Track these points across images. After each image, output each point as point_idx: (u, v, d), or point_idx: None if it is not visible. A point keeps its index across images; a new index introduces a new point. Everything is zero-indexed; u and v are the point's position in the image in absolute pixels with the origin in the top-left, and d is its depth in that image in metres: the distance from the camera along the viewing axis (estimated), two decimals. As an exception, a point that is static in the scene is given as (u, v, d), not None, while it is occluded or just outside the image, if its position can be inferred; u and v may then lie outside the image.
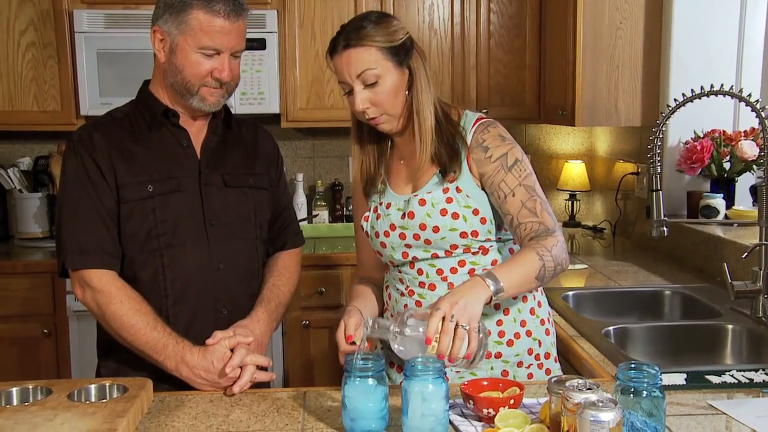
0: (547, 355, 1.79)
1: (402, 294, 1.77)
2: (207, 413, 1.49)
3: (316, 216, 3.66)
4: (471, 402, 1.40)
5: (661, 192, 2.09)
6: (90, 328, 1.92)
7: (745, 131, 2.87)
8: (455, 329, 1.41)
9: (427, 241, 1.69)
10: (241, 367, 1.61)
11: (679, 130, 2.96)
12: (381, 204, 1.77)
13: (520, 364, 1.74)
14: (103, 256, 1.67)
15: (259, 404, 1.53)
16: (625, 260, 2.97)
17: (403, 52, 1.65)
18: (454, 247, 1.69)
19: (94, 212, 1.66)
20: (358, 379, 1.34)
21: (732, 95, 1.97)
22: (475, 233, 1.68)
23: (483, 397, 1.40)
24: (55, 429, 1.29)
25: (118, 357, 1.72)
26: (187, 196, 1.72)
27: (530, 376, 1.75)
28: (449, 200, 1.68)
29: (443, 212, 1.67)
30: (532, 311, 1.77)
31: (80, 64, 3.22)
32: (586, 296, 2.45)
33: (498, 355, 1.72)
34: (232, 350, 1.62)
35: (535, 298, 1.79)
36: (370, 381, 1.34)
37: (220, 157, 1.78)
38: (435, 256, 1.71)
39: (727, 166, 2.84)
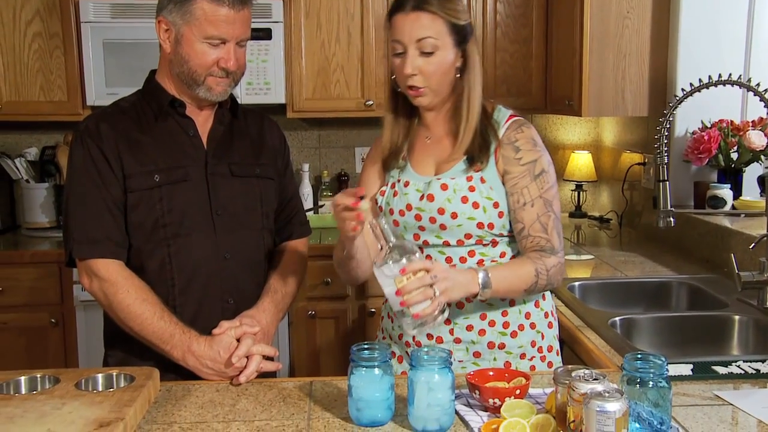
0: (550, 348, 1.79)
1: None
2: (213, 402, 1.49)
3: (322, 206, 3.66)
4: (477, 392, 1.40)
5: (668, 182, 2.08)
6: (97, 318, 1.93)
7: (753, 121, 2.85)
8: (428, 287, 1.47)
9: (443, 227, 1.69)
10: (247, 357, 1.61)
11: (687, 120, 2.95)
12: (399, 181, 1.76)
13: (522, 356, 1.74)
14: (109, 245, 1.67)
15: (266, 394, 1.53)
16: (632, 251, 2.97)
17: (463, 35, 1.67)
18: (468, 236, 1.69)
19: (101, 202, 1.67)
20: (365, 369, 1.35)
21: (740, 85, 1.96)
22: (491, 225, 1.68)
23: (489, 387, 1.40)
24: (63, 417, 1.30)
25: (125, 347, 1.73)
26: (193, 186, 1.72)
27: (533, 368, 1.75)
28: (472, 189, 1.68)
29: (464, 200, 1.67)
30: (536, 304, 1.77)
31: (86, 54, 3.22)
32: (592, 287, 2.45)
33: (501, 346, 1.72)
34: (238, 340, 1.63)
35: (542, 293, 1.79)
36: (377, 371, 1.35)
37: (226, 146, 1.78)
38: (446, 244, 1.70)
39: (734, 156, 2.83)
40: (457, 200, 1.67)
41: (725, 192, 2.77)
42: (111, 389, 1.44)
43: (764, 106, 1.95)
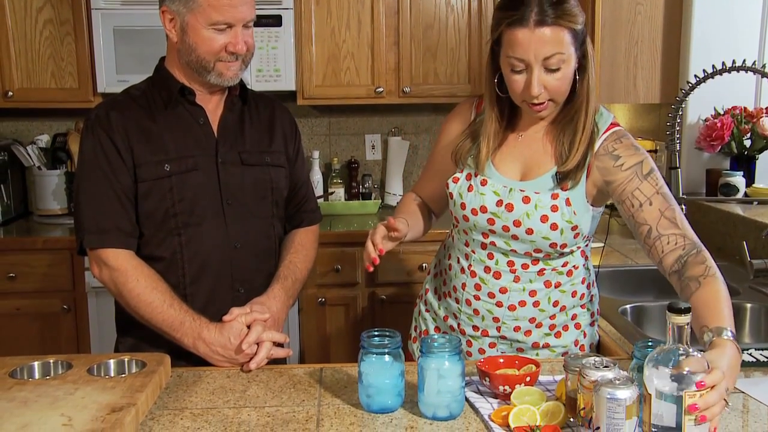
0: (591, 346, 1.78)
1: (463, 270, 1.72)
2: (224, 389, 1.50)
3: (332, 193, 3.66)
4: (487, 379, 1.41)
5: (679, 170, 2.07)
6: (109, 304, 1.94)
7: (766, 108, 2.83)
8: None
9: (515, 237, 1.62)
10: (257, 344, 1.62)
11: (699, 107, 2.93)
12: (476, 175, 1.67)
13: (565, 354, 1.73)
14: (119, 235, 1.68)
15: (276, 380, 1.54)
16: (643, 238, 2.95)
17: (582, 38, 1.55)
18: (538, 251, 1.64)
19: (111, 192, 1.67)
20: (375, 355, 1.35)
21: (754, 71, 1.95)
22: (564, 245, 1.62)
23: (499, 375, 1.40)
24: (76, 402, 1.31)
25: (137, 333, 1.74)
26: (204, 175, 1.72)
27: None
28: (554, 208, 1.59)
29: (544, 219, 1.60)
30: (583, 306, 1.75)
31: (97, 41, 3.22)
32: (602, 274, 2.44)
33: (546, 345, 1.72)
34: (248, 327, 1.63)
35: (589, 295, 1.76)
36: (387, 357, 1.35)
37: (237, 134, 1.78)
38: (513, 251, 1.65)
39: (747, 143, 2.81)
40: (537, 218, 1.59)
41: (738, 179, 2.76)
42: (123, 375, 1.46)
43: (778, 93, 1.93)
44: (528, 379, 1.39)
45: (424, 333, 1.84)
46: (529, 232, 1.61)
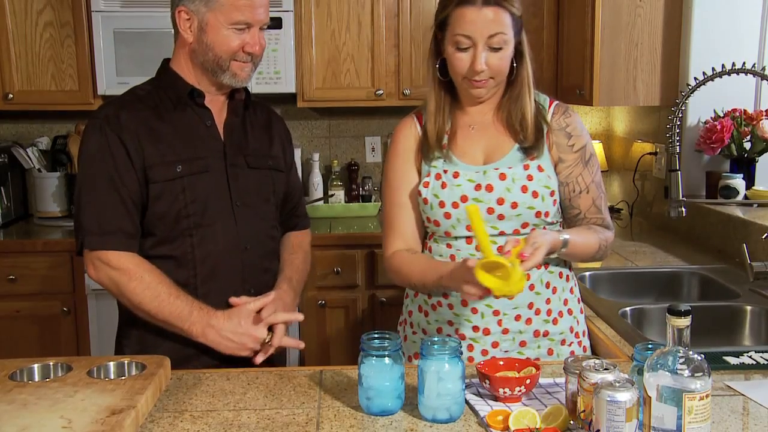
0: (584, 333, 1.81)
1: None
2: (224, 391, 1.50)
3: (332, 196, 3.66)
4: (487, 381, 1.40)
5: (679, 172, 2.07)
6: (108, 307, 1.94)
7: (766, 110, 2.83)
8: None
9: (501, 216, 1.67)
10: (271, 329, 1.66)
11: (699, 109, 2.93)
12: (446, 172, 1.72)
13: (563, 342, 1.76)
14: (122, 237, 1.67)
15: (276, 383, 1.54)
16: (643, 241, 2.96)
17: (519, 26, 1.67)
18: (525, 225, 1.69)
19: (115, 192, 1.66)
20: (375, 358, 1.35)
21: (754, 73, 1.95)
22: (547, 214, 1.69)
23: (499, 377, 1.40)
24: (76, 405, 1.31)
25: (139, 337, 1.74)
26: (214, 177, 1.72)
27: (572, 353, 1.76)
28: (530, 178, 1.68)
29: (524, 189, 1.67)
30: (571, 290, 1.79)
31: (97, 44, 3.22)
32: (602, 277, 2.44)
33: (546, 334, 1.73)
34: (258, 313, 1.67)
35: (573, 278, 1.81)
36: (387, 360, 1.35)
37: (242, 138, 1.79)
38: (501, 234, 1.68)
39: (747, 145, 2.81)
40: (517, 190, 1.67)
41: (737, 182, 2.76)
42: (123, 377, 1.45)
43: (778, 95, 1.93)
44: (528, 381, 1.39)
45: (414, 356, 1.81)
46: (514, 205, 1.67)
